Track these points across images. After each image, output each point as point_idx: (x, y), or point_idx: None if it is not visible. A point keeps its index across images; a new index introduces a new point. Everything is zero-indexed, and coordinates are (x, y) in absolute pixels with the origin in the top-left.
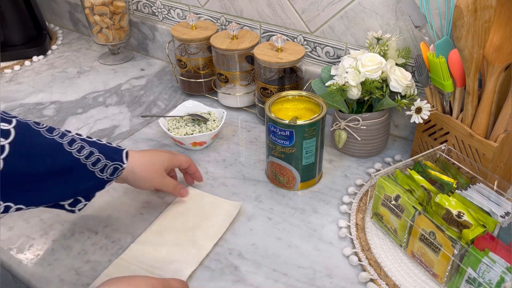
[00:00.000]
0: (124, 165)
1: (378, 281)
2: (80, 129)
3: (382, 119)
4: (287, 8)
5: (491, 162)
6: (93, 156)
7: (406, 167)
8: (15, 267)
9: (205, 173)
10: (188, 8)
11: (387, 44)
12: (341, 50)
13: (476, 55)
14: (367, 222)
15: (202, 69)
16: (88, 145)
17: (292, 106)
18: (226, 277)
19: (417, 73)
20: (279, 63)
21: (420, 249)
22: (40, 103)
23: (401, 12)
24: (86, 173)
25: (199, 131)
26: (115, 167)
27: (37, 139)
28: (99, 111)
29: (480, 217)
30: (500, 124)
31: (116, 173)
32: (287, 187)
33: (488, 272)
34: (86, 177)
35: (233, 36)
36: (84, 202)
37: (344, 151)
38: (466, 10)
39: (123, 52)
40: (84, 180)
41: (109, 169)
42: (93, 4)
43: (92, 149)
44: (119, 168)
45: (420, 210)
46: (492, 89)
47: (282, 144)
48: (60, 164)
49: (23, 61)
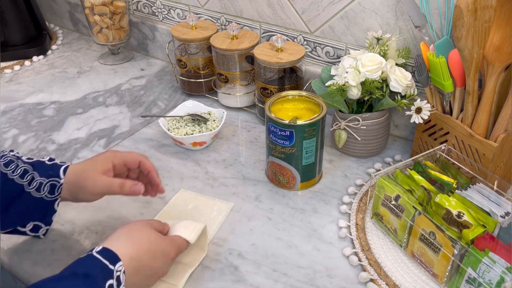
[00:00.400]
0: (61, 180)
1: (378, 281)
2: (80, 129)
3: (382, 119)
4: (287, 8)
5: (491, 162)
6: (27, 174)
7: (406, 167)
8: (15, 267)
9: (205, 173)
10: (188, 8)
11: (387, 44)
12: (341, 50)
13: (476, 55)
14: (367, 222)
15: (202, 69)
16: (22, 163)
17: (292, 106)
18: (226, 277)
19: (417, 73)
20: (279, 63)
21: (420, 249)
22: (40, 103)
23: (401, 12)
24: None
25: (199, 131)
26: (52, 184)
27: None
28: (99, 111)
29: (480, 217)
30: (500, 124)
31: (56, 190)
32: (287, 187)
33: (488, 272)
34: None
35: (233, 36)
36: (44, 226)
37: (344, 151)
38: (466, 10)
39: (123, 52)
40: (21, 201)
41: (45, 187)
42: (93, 4)
43: (26, 167)
44: (57, 185)
45: (420, 210)
46: (492, 89)
47: (282, 144)
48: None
49: (23, 61)
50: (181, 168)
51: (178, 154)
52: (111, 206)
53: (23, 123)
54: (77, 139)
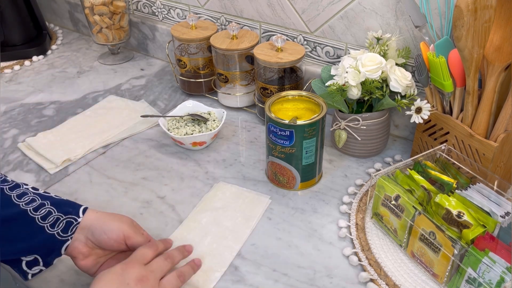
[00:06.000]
0: (79, 219)
1: (378, 281)
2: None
3: (382, 119)
4: (287, 8)
5: (491, 162)
6: (43, 208)
7: (406, 167)
8: None
9: (205, 173)
10: (188, 8)
11: (387, 44)
12: (341, 50)
13: (476, 55)
14: (367, 222)
15: (202, 69)
16: (40, 198)
17: (292, 106)
18: (226, 277)
19: (417, 73)
20: (279, 63)
21: (420, 249)
22: (40, 103)
23: (401, 12)
24: (35, 227)
25: (199, 131)
26: (68, 221)
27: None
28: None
29: (480, 217)
30: (500, 124)
31: (70, 229)
32: (287, 187)
33: (488, 272)
34: (33, 231)
35: (233, 36)
36: (41, 266)
37: (344, 151)
38: (466, 10)
39: (123, 52)
40: (31, 234)
41: (61, 223)
42: (93, 4)
43: (44, 202)
44: (73, 223)
45: (420, 210)
46: (492, 89)
47: (282, 144)
48: (4, 215)
49: (23, 61)
50: (181, 168)
51: (178, 154)
52: (111, 206)
53: (23, 123)
54: None
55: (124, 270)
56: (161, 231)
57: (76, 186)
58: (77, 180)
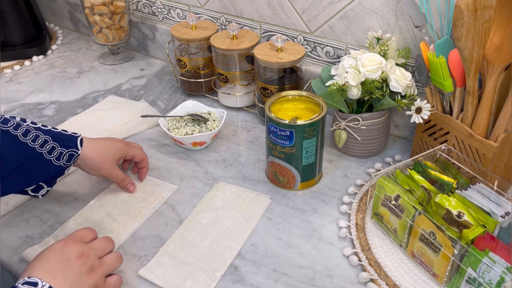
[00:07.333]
0: (78, 151)
1: (378, 281)
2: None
3: (382, 119)
4: (287, 8)
5: (491, 162)
6: (47, 144)
7: (406, 167)
8: (15, 267)
9: (205, 173)
10: (188, 8)
11: (387, 44)
12: (341, 50)
13: (476, 55)
14: (367, 222)
15: (202, 69)
16: (42, 134)
17: (292, 106)
18: (226, 277)
19: (417, 73)
20: (279, 63)
21: (420, 249)
22: (40, 103)
23: (401, 12)
24: (44, 162)
25: (199, 131)
26: (70, 154)
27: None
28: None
29: (480, 217)
30: (500, 124)
31: (72, 160)
32: (287, 187)
33: (488, 272)
34: (43, 165)
35: (233, 36)
36: (46, 188)
37: (344, 151)
38: (466, 10)
39: (123, 52)
40: (41, 169)
41: (65, 156)
42: (93, 4)
43: (46, 137)
44: (74, 155)
45: (420, 210)
46: (492, 89)
47: (282, 144)
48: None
49: (23, 61)
50: (181, 168)
51: (178, 154)
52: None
53: None
54: None
55: (64, 246)
56: (161, 231)
57: (76, 186)
58: (77, 180)
